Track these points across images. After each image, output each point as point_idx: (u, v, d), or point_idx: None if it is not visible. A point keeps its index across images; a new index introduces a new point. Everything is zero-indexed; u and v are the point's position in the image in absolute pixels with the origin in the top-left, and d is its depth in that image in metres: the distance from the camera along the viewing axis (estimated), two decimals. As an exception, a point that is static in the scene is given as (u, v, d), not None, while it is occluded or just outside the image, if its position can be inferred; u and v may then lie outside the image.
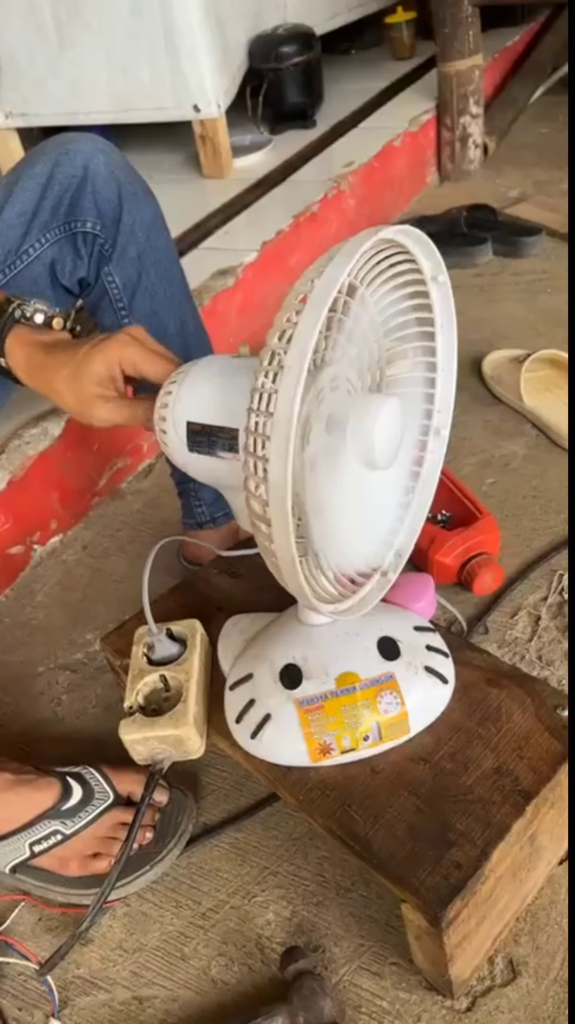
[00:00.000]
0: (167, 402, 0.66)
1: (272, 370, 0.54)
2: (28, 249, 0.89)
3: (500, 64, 2.35)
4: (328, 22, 2.18)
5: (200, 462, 0.66)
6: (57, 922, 0.81)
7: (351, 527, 0.66)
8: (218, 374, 0.66)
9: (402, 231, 0.59)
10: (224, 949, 0.77)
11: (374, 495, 0.67)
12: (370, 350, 0.62)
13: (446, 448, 0.72)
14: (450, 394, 0.69)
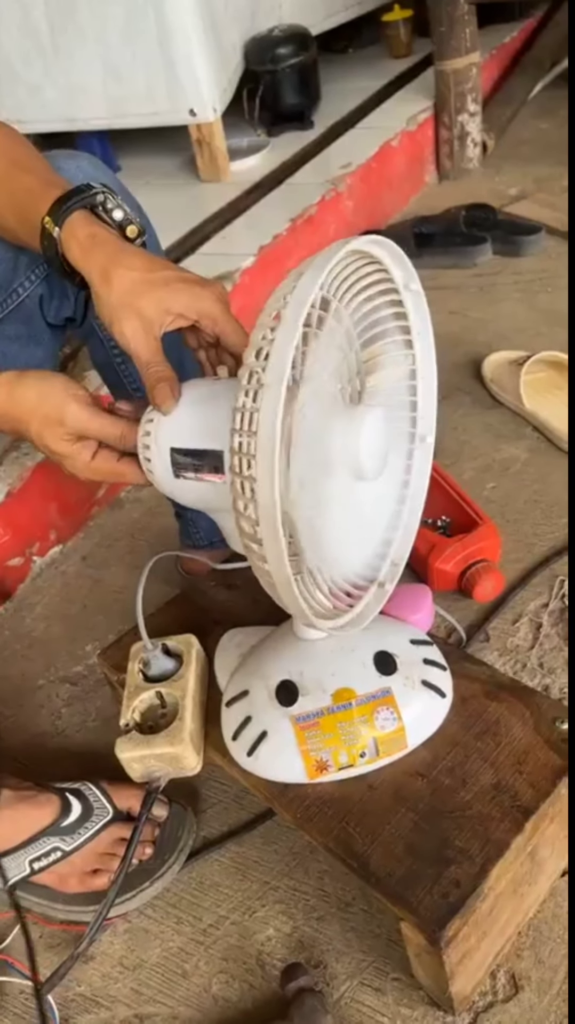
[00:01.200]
0: (149, 430, 0.65)
1: (252, 388, 0.53)
2: (18, 288, 0.85)
3: (498, 60, 2.33)
4: (324, 22, 2.17)
5: (187, 488, 0.66)
6: (58, 939, 0.81)
7: (344, 540, 0.65)
8: (199, 399, 0.65)
9: (373, 241, 0.58)
10: (225, 966, 0.76)
11: (365, 506, 0.67)
12: (348, 362, 0.61)
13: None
14: (432, 400, 0.68)
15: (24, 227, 0.73)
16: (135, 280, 0.65)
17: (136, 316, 0.65)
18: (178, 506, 1.08)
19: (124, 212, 0.71)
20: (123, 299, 0.65)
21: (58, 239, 0.69)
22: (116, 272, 0.66)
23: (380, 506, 0.70)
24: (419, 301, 0.64)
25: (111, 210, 0.71)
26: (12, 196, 0.74)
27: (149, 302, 0.65)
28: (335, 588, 0.66)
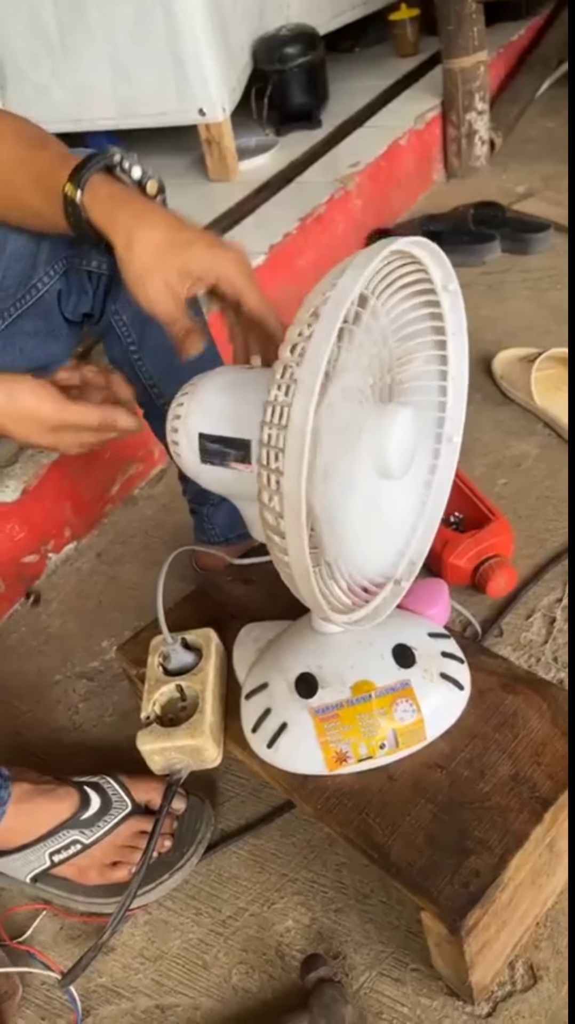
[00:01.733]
0: (179, 413, 0.66)
1: (285, 383, 0.54)
2: (37, 283, 0.85)
3: (505, 59, 2.33)
4: (331, 21, 2.17)
5: (212, 473, 0.67)
6: (79, 931, 0.82)
7: (365, 536, 0.66)
8: (230, 385, 0.66)
9: (415, 243, 0.58)
10: (244, 957, 0.77)
11: (388, 504, 0.67)
12: (381, 359, 0.62)
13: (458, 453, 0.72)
14: (462, 402, 0.69)
15: (48, 203, 0.73)
16: (157, 244, 0.67)
17: (160, 280, 0.67)
18: (194, 502, 1.08)
19: (142, 169, 0.72)
20: (146, 264, 0.67)
21: (81, 204, 0.70)
22: (138, 236, 0.67)
23: (401, 504, 0.71)
24: (456, 301, 0.64)
25: (129, 169, 0.72)
26: (34, 175, 0.75)
27: (171, 266, 0.66)
28: (353, 583, 0.67)
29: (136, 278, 0.68)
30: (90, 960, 0.73)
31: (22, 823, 0.77)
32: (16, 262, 0.84)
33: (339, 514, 0.60)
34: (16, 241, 0.84)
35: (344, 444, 0.59)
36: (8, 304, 0.86)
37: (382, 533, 0.69)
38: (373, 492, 0.63)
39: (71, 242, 0.84)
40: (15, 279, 0.85)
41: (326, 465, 0.58)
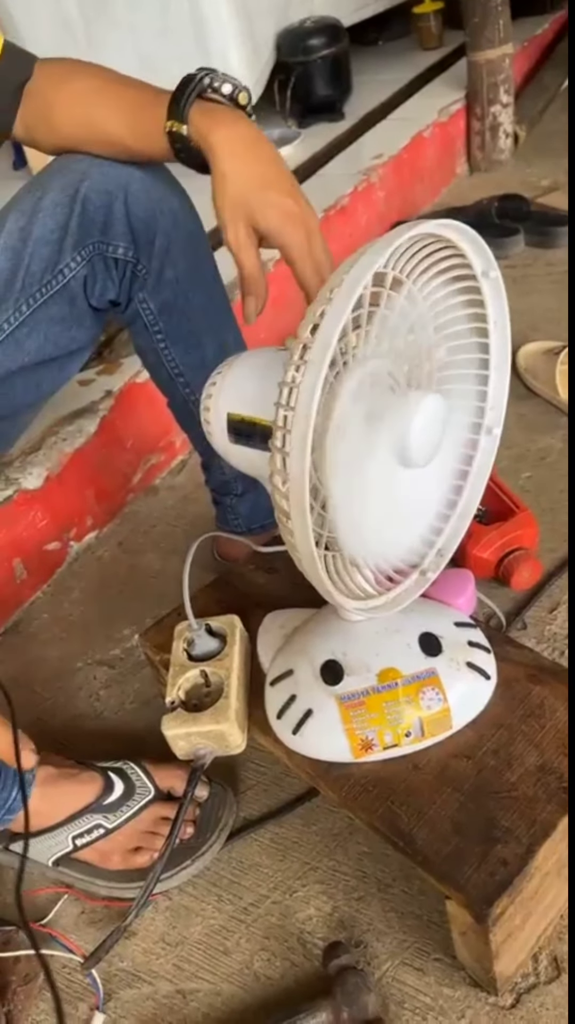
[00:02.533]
0: (211, 392, 0.66)
1: (300, 363, 0.53)
2: (64, 268, 0.85)
3: (529, 53, 2.32)
4: (355, 13, 2.16)
5: (240, 453, 0.67)
6: (100, 915, 0.82)
7: (385, 523, 0.65)
8: (261, 367, 0.66)
9: (443, 225, 0.58)
10: (266, 944, 0.77)
11: (412, 492, 0.67)
12: (418, 346, 0.61)
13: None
14: (503, 392, 0.68)
15: (135, 133, 0.79)
16: (245, 194, 0.73)
17: (243, 226, 0.73)
18: (216, 492, 1.08)
19: (231, 83, 0.77)
20: (233, 206, 0.73)
21: (189, 135, 0.75)
22: (232, 180, 0.73)
23: (426, 492, 0.70)
24: (498, 289, 0.63)
25: (219, 87, 0.76)
26: (121, 106, 0.80)
27: (249, 217, 0.73)
28: (375, 571, 0.67)
29: (223, 217, 0.74)
30: (113, 943, 0.73)
31: (46, 806, 0.78)
32: (43, 246, 0.84)
33: (357, 500, 0.60)
34: (42, 225, 0.84)
35: (367, 430, 0.59)
36: (34, 289, 0.86)
37: (404, 521, 0.69)
38: (395, 480, 0.63)
39: (100, 229, 0.84)
40: (41, 263, 0.85)
41: (343, 450, 0.57)
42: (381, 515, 0.64)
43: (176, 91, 0.76)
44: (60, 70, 0.85)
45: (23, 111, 0.84)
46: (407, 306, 0.57)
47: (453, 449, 0.69)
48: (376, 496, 0.62)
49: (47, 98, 0.83)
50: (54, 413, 1.22)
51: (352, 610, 0.66)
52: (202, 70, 0.76)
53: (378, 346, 0.58)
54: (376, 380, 0.60)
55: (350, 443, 0.58)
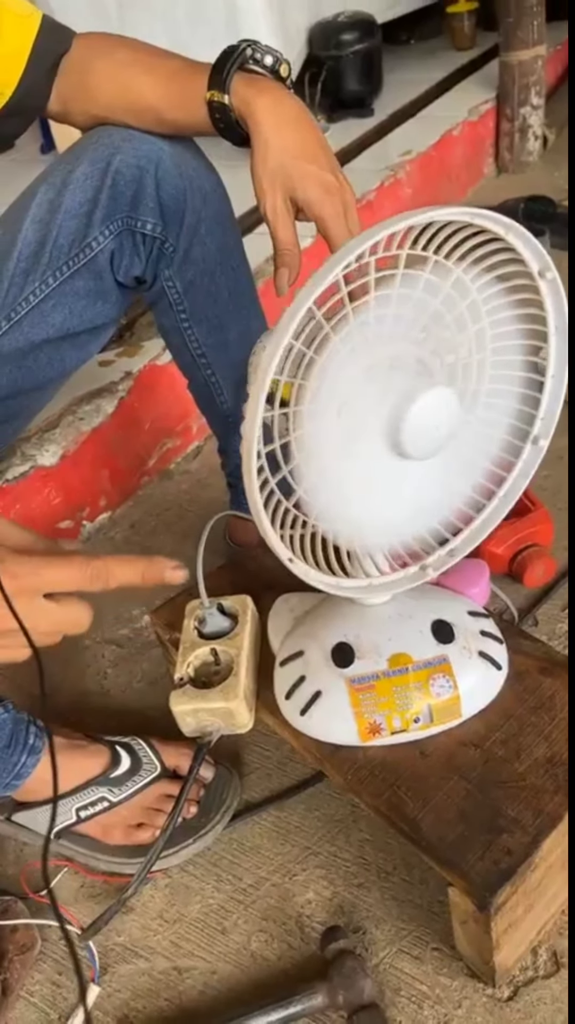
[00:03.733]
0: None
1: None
2: (92, 242, 0.85)
3: (562, 56, 2.31)
4: (389, 10, 2.16)
5: None
6: (99, 889, 0.82)
7: (377, 507, 0.64)
8: None
9: (493, 219, 0.55)
10: (264, 925, 0.77)
11: (417, 482, 0.65)
12: (456, 339, 0.59)
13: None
14: (558, 402, 0.65)
15: (174, 103, 0.80)
16: (285, 165, 0.74)
17: (282, 196, 0.74)
18: (232, 476, 1.08)
19: (273, 55, 0.78)
20: (272, 176, 0.74)
21: (230, 105, 0.76)
22: (273, 151, 0.74)
23: (442, 487, 0.68)
24: (557, 292, 0.60)
25: (261, 59, 0.77)
26: (160, 77, 0.81)
27: (288, 188, 0.74)
28: (363, 551, 0.66)
29: (260, 186, 0.75)
30: (112, 915, 0.73)
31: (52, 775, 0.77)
32: (71, 219, 0.84)
33: (339, 480, 0.60)
34: (72, 198, 0.84)
35: (349, 409, 0.58)
36: (62, 262, 0.86)
37: (403, 509, 0.67)
38: (389, 463, 0.62)
39: (130, 205, 0.84)
40: (68, 236, 0.85)
41: (334, 427, 0.57)
42: (373, 496, 0.63)
43: (218, 61, 0.76)
44: (101, 42, 0.85)
45: (60, 83, 0.85)
46: (455, 296, 0.56)
47: (487, 451, 0.67)
48: (365, 475, 0.61)
49: (87, 67, 0.83)
50: (73, 392, 1.22)
51: (315, 583, 0.66)
52: (244, 42, 0.76)
53: (395, 327, 0.57)
54: (401, 364, 0.59)
55: (350, 419, 0.58)
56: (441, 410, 0.58)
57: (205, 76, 0.76)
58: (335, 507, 0.62)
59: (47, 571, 0.51)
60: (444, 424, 0.59)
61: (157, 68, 0.81)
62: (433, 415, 0.58)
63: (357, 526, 0.65)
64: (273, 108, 0.74)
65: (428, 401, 0.57)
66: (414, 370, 0.60)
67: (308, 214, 0.75)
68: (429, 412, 0.58)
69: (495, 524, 0.71)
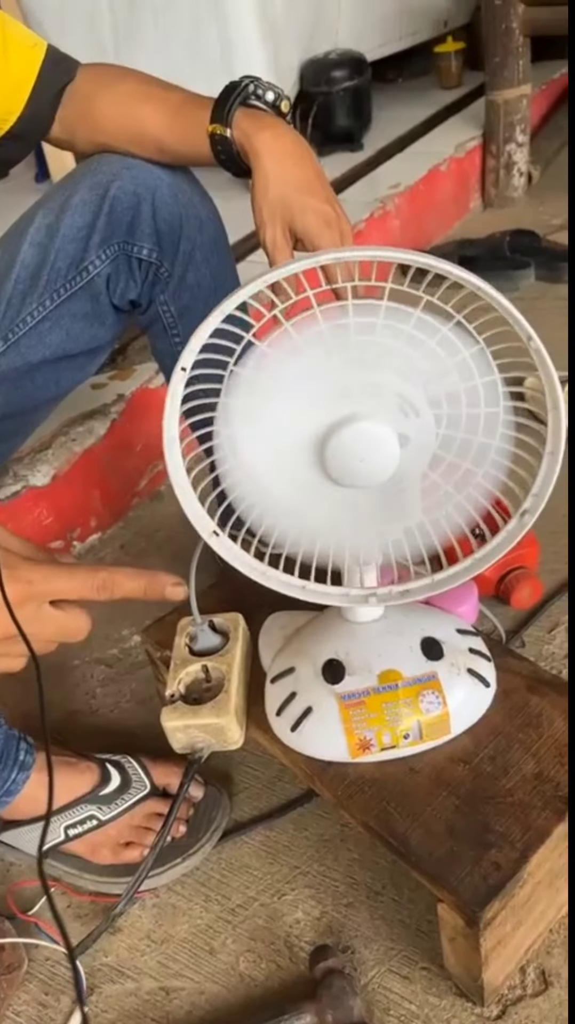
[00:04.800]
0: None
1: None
2: (88, 266, 0.87)
3: (547, 95, 2.37)
4: (379, 49, 2.22)
5: None
6: (86, 909, 0.81)
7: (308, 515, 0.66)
8: None
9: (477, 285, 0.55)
10: (252, 945, 0.76)
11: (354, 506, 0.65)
12: (442, 389, 0.59)
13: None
14: (551, 479, 0.63)
15: (177, 134, 0.82)
16: (285, 197, 0.76)
17: (281, 227, 0.76)
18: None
19: (274, 91, 0.80)
20: (272, 207, 0.76)
21: (232, 138, 0.78)
22: (274, 183, 0.76)
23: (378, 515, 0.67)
24: (543, 361, 0.58)
25: (262, 95, 0.79)
26: (164, 110, 0.83)
27: (287, 219, 0.76)
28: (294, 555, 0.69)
29: (261, 218, 0.77)
30: (100, 933, 0.72)
31: (42, 792, 0.77)
32: (69, 243, 0.86)
33: (272, 488, 0.64)
34: (70, 223, 0.86)
35: (281, 430, 0.61)
36: (59, 284, 0.87)
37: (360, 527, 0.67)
38: (319, 483, 0.63)
39: (126, 230, 0.86)
40: (66, 260, 0.87)
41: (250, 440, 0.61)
42: (318, 512, 0.65)
43: (221, 96, 0.79)
44: (105, 72, 0.88)
45: (64, 111, 0.87)
46: (439, 353, 0.56)
47: (461, 503, 0.65)
48: (294, 486, 0.63)
49: (91, 96, 0.86)
50: (66, 414, 1.23)
51: (248, 572, 0.70)
52: (246, 78, 0.79)
53: (402, 363, 0.58)
54: (375, 392, 0.59)
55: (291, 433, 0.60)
56: (369, 445, 0.59)
57: (208, 109, 0.79)
58: (261, 505, 0.65)
59: (57, 579, 0.52)
60: (370, 459, 0.60)
61: (161, 99, 0.84)
62: (356, 446, 0.59)
63: (281, 527, 0.67)
64: (274, 142, 0.76)
65: (353, 432, 0.59)
66: (394, 403, 0.60)
67: (307, 244, 0.77)
68: (352, 443, 0.59)
69: (456, 583, 0.70)
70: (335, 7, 2.02)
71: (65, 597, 0.55)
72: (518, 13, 1.89)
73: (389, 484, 0.63)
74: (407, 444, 0.61)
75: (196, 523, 0.68)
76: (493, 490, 0.65)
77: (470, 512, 0.66)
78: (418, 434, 0.61)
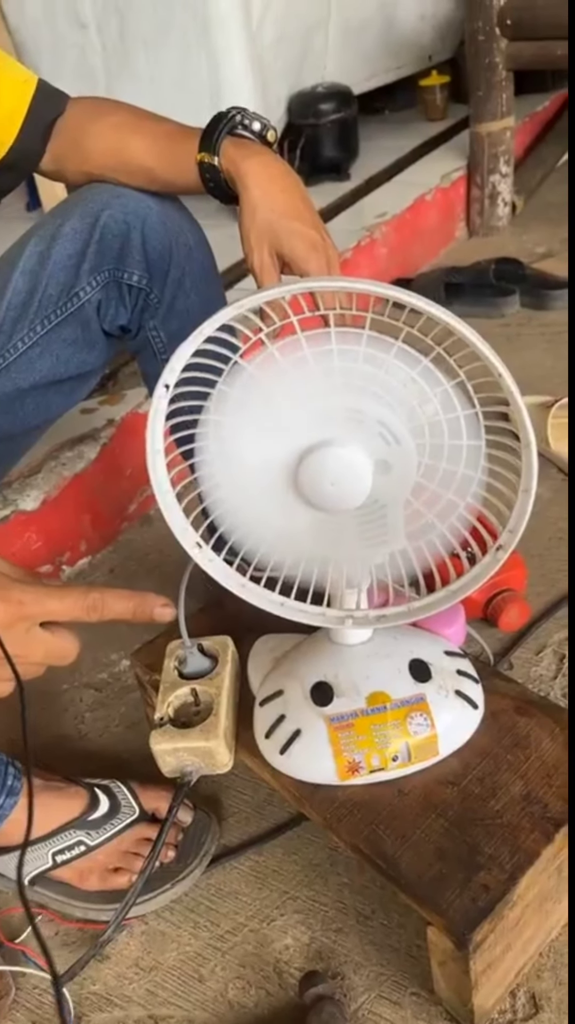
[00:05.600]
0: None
1: None
2: (79, 292, 0.88)
3: (530, 127, 2.42)
4: (365, 82, 2.26)
5: None
6: (74, 937, 0.80)
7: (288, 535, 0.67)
8: None
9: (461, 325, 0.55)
10: (242, 972, 0.76)
11: (346, 528, 0.66)
12: (424, 419, 0.59)
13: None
14: (525, 515, 0.64)
15: (166, 164, 0.84)
16: (272, 222, 0.77)
17: (268, 251, 0.78)
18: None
19: (260, 121, 0.82)
20: (260, 233, 0.77)
21: (220, 166, 0.80)
22: (261, 208, 0.77)
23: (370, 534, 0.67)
24: (514, 394, 0.59)
25: (249, 124, 0.81)
26: (153, 139, 0.85)
27: (274, 244, 0.77)
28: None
29: (249, 243, 0.78)
30: (88, 959, 0.72)
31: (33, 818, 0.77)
32: (59, 271, 0.87)
33: (249, 509, 0.65)
34: (61, 251, 0.87)
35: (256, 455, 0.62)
36: (49, 311, 0.88)
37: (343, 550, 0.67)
38: (293, 502, 0.64)
39: (116, 257, 0.87)
40: (57, 287, 0.88)
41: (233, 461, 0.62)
42: (274, 525, 0.66)
43: (208, 126, 0.81)
44: (95, 105, 0.90)
45: (54, 143, 0.89)
46: (422, 385, 0.57)
47: (439, 531, 0.66)
48: (273, 507, 0.64)
49: (82, 128, 0.87)
50: (56, 439, 1.24)
51: (230, 587, 0.71)
52: (233, 109, 0.81)
53: (382, 389, 0.59)
54: (354, 416, 0.60)
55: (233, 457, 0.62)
56: (341, 469, 0.60)
57: (196, 139, 0.80)
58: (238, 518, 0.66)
59: (49, 600, 0.53)
60: (340, 482, 0.61)
61: (150, 130, 0.85)
62: (327, 470, 0.61)
63: (258, 539, 0.68)
64: (261, 169, 0.78)
65: (323, 456, 0.60)
66: (375, 430, 0.61)
67: (294, 269, 0.79)
68: (321, 466, 0.60)
69: (436, 611, 0.70)
70: (323, 42, 2.06)
71: (56, 619, 0.55)
72: (501, 48, 1.94)
73: (372, 509, 0.63)
74: (389, 471, 0.62)
75: (179, 534, 0.69)
76: (474, 522, 0.65)
77: (453, 541, 0.66)
78: (400, 462, 0.62)
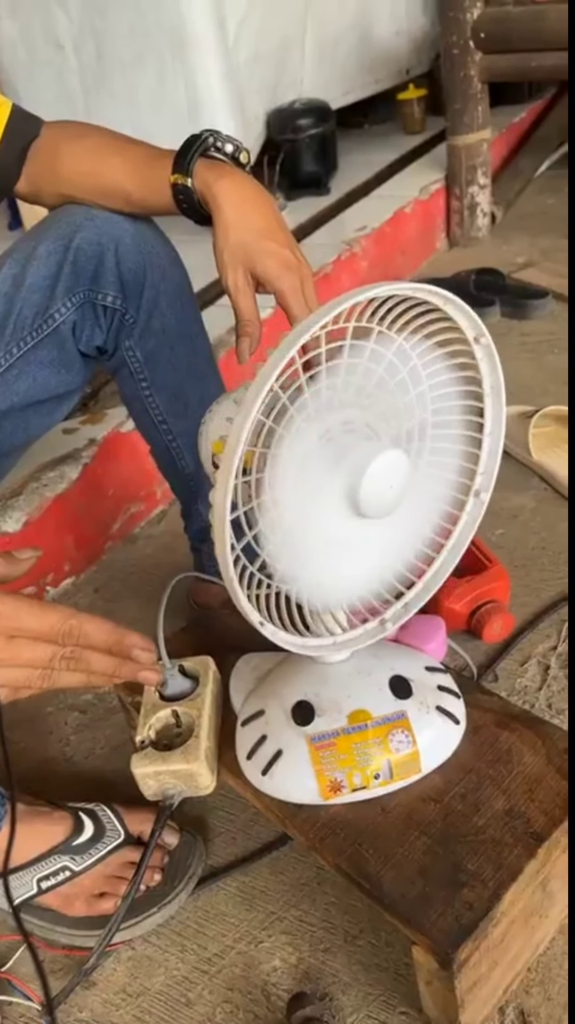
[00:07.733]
0: (205, 419, 0.69)
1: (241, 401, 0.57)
2: (54, 313, 0.88)
3: (507, 138, 2.44)
4: (343, 97, 2.28)
5: None
6: (60, 964, 0.80)
7: (338, 566, 0.66)
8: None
9: (430, 291, 0.59)
10: (229, 995, 0.75)
11: (376, 539, 0.66)
12: (404, 404, 0.62)
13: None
14: (496, 458, 0.70)
15: (140, 186, 0.84)
16: (245, 242, 0.77)
17: (242, 271, 0.78)
18: (195, 540, 1.10)
19: (232, 144, 0.83)
20: (234, 253, 0.77)
21: (193, 188, 0.80)
22: (234, 229, 0.78)
23: (398, 543, 0.69)
24: (490, 356, 0.64)
25: (222, 146, 0.82)
26: (130, 161, 0.85)
27: (248, 264, 0.78)
28: (326, 609, 0.68)
29: (223, 264, 0.78)
30: (74, 987, 0.71)
31: (15, 844, 0.76)
32: (34, 293, 0.87)
33: (302, 536, 0.62)
34: (35, 273, 0.87)
35: (309, 475, 0.60)
36: (25, 333, 0.88)
37: (362, 566, 0.68)
38: (349, 523, 0.63)
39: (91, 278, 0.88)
40: (32, 309, 0.88)
41: (298, 489, 0.60)
42: (332, 556, 0.65)
43: (182, 148, 0.81)
44: (70, 129, 0.90)
45: (29, 166, 0.89)
46: (396, 363, 0.59)
47: (435, 506, 0.69)
48: (325, 536, 0.63)
49: (57, 150, 0.88)
50: (37, 459, 1.23)
51: (287, 645, 0.68)
52: (206, 131, 0.81)
53: (347, 393, 0.60)
54: (350, 428, 0.62)
55: (289, 483, 0.60)
56: (392, 471, 0.60)
57: (170, 161, 0.81)
58: (297, 567, 0.64)
59: (27, 616, 0.52)
60: (396, 484, 0.61)
61: (124, 152, 0.86)
62: (385, 476, 0.60)
63: (318, 584, 0.66)
64: (233, 190, 0.78)
65: (381, 463, 0.60)
66: (364, 434, 0.63)
67: (268, 288, 0.79)
68: (382, 474, 0.60)
69: (447, 574, 0.74)
70: (299, 58, 2.08)
71: (30, 635, 0.54)
72: (476, 61, 1.96)
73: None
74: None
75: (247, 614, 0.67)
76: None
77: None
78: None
